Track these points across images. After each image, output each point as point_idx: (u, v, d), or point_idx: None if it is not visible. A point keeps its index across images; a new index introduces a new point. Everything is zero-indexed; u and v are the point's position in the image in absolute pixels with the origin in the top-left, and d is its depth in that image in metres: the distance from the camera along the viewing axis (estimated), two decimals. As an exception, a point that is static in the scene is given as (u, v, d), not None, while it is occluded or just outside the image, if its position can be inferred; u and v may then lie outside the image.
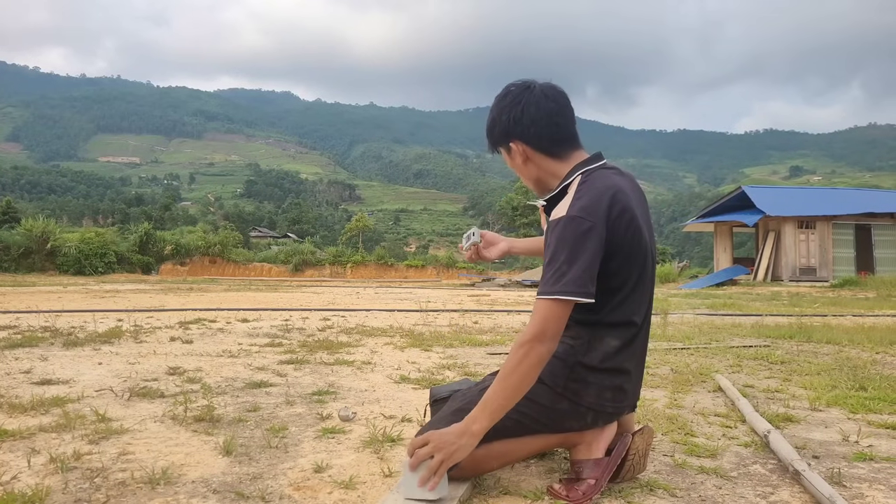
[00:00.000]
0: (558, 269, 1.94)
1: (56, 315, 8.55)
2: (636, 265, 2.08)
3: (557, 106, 2.16)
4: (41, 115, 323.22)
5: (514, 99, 2.18)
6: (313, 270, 41.33)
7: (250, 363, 4.69)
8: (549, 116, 2.15)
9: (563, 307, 1.93)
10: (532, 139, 2.17)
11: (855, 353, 5.54)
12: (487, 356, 5.27)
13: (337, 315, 9.40)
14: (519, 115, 2.15)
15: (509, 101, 2.18)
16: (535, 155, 2.19)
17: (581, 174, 2.11)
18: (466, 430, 1.95)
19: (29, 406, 3.09)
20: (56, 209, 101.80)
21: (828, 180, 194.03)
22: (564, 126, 2.18)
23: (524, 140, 2.17)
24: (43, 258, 33.10)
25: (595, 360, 2.06)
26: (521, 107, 2.15)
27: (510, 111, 2.17)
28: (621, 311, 2.07)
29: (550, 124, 2.16)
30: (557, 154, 2.18)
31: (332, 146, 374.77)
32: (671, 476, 2.26)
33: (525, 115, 2.15)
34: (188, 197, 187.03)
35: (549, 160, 2.19)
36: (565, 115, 2.18)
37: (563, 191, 2.12)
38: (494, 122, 2.22)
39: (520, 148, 2.18)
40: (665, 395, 3.67)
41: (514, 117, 2.16)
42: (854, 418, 3.18)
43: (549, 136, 2.16)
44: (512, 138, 2.18)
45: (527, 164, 2.21)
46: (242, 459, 2.38)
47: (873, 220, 27.10)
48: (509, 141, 2.19)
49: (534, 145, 2.17)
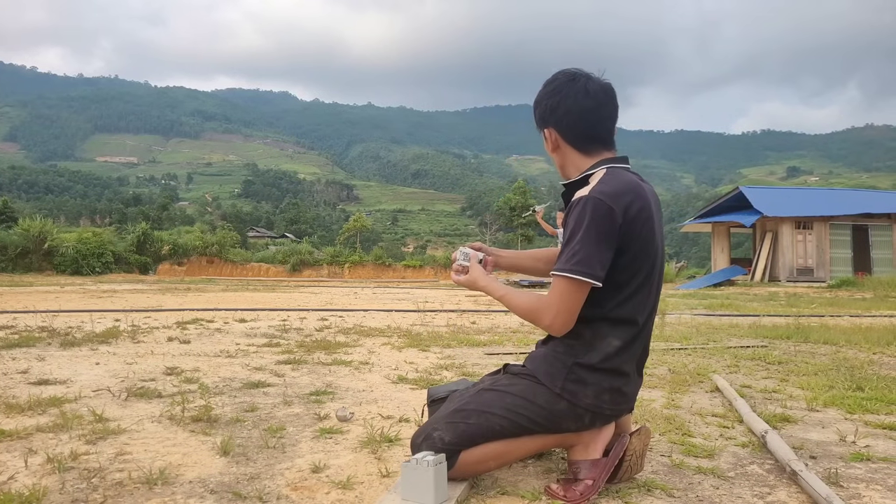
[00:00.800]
0: (573, 248, 2.00)
1: (53, 315, 8.54)
2: (645, 264, 2.10)
3: (595, 104, 2.19)
4: (38, 114, 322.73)
5: (555, 88, 2.23)
6: (311, 270, 41.29)
7: (248, 363, 4.69)
8: (583, 113, 2.19)
9: (575, 285, 2.00)
10: (563, 130, 2.23)
11: (852, 354, 5.55)
12: (485, 356, 5.27)
13: (335, 315, 9.39)
14: (555, 105, 2.21)
15: (551, 89, 2.24)
16: (564, 145, 2.24)
17: (606, 168, 2.16)
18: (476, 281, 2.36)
19: (26, 406, 3.09)
20: (53, 209, 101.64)
21: (825, 181, 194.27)
22: (597, 124, 2.21)
23: (557, 129, 2.23)
24: (40, 258, 33.04)
25: (594, 360, 2.06)
26: (559, 97, 2.21)
27: (549, 99, 2.23)
28: (625, 308, 2.08)
29: (582, 121, 2.20)
30: (585, 150, 2.23)
31: (330, 146, 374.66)
32: (668, 476, 2.26)
33: (560, 107, 2.20)
34: (186, 197, 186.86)
35: (576, 153, 2.24)
36: (600, 114, 2.20)
37: (585, 180, 2.16)
38: (536, 105, 2.29)
39: (552, 135, 2.25)
40: (663, 396, 3.67)
41: (550, 106, 2.22)
42: (851, 418, 3.18)
43: (580, 131, 2.21)
44: (547, 125, 2.25)
45: (555, 151, 2.27)
46: (240, 459, 2.37)
47: (870, 220, 27.14)
48: (545, 126, 2.26)
49: (564, 136, 2.23)
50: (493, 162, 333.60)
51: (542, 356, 2.15)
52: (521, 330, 7.30)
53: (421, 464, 1.87)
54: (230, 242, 44.82)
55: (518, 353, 5.39)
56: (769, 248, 27.38)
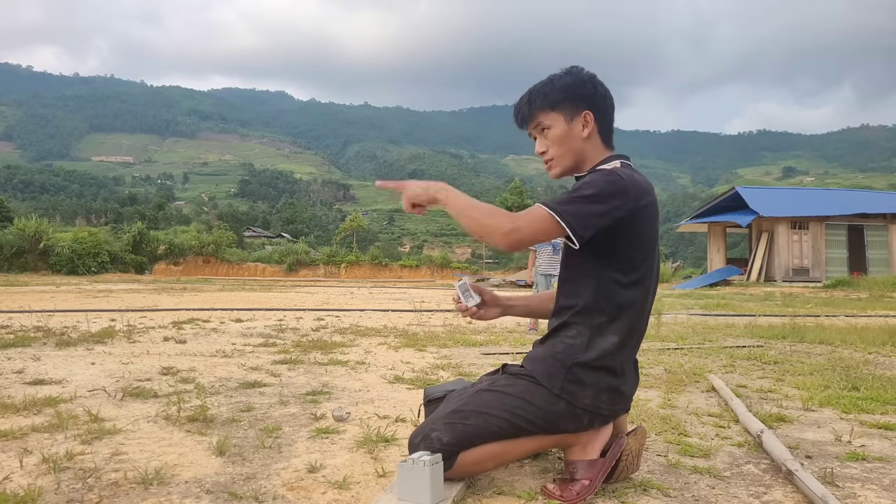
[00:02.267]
0: (575, 198, 1.99)
1: (49, 315, 8.52)
2: (648, 257, 2.11)
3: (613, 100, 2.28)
4: (34, 114, 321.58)
5: (593, 77, 2.24)
6: (307, 270, 41.26)
7: (244, 363, 4.68)
8: (613, 107, 2.27)
9: (551, 223, 1.96)
10: (603, 117, 2.23)
11: (847, 354, 5.56)
12: (482, 356, 5.27)
13: (331, 315, 9.39)
14: (604, 92, 2.23)
15: (589, 76, 2.24)
16: (595, 133, 2.24)
17: (622, 162, 2.18)
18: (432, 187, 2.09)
19: (21, 406, 3.08)
20: (49, 209, 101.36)
21: (821, 181, 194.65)
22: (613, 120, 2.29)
23: (597, 115, 2.22)
24: (36, 258, 32.97)
25: (593, 359, 2.06)
26: (604, 87, 2.24)
27: (595, 84, 2.22)
28: (625, 303, 2.09)
29: (612, 114, 2.27)
30: (608, 141, 2.26)
31: (327, 146, 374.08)
32: (665, 476, 2.26)
33: (608, 95, 2.24)
34: (182, 196, 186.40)
35: (601, 145, 2.25)
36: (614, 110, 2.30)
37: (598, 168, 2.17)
38: (575, 86, 2.20)
39: (590, 120, 2.21)
40: (659, 396, 3.67)
41: (600, 91, 2.22)
42: (846, 418, 3.19)
43: (610, 122, 2.26)
44: (588, 107, 2.20)
45: (587, 138, 2.22)
46: (236, 460, 2.37)
47: (866, 220, 27.22)
48: (583, 108, 2.20)
49: (600, 124, 2.23)
50: (490, 162, 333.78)
51: (540, 357, 2.14)
52: (517, 330, 7.31)
53: (417, 464, 1.87)
54: (226, 242, 44.80)
55: (515, 353, 5.40)
56: (765, 248, 27.44)
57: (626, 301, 2.09)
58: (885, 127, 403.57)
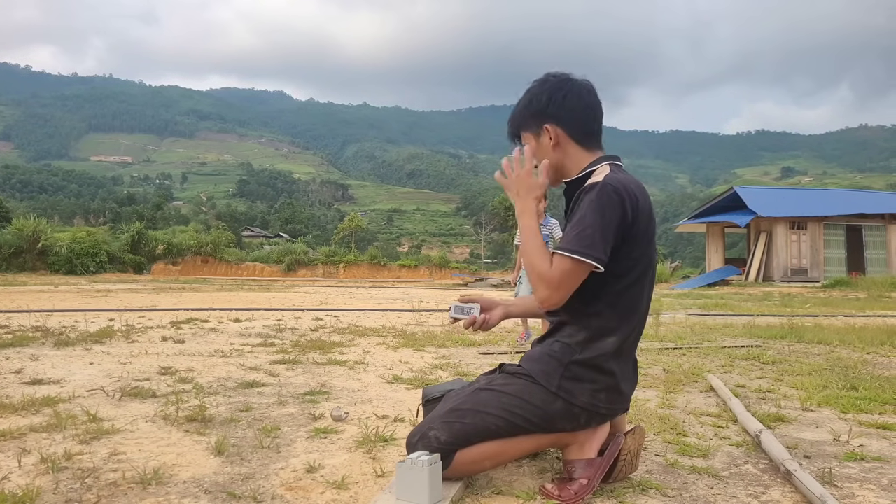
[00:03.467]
0: (581, 229, 2.00)
1: (47, 315, 8.51)
2: (644, 258, 2.12)
3: (596, 101, 2.26)
4: (32, 113, 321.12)
5: (556, 84, 2.24)
6: (306, 270, 41.27)
7: (242, 363, 4.68)
8: (588, 108, 2.24)
9: (577, 266, 2.00)
10: (569, 124, 2.23)
11: (846, 354, 5.57)
12: (480, 356, 5.27)
13: (329, 315, 9.39)
14: (561, 100, 2.22)
15: (551, 85, 2.24)
16: (566, 140, 2.24)
17: (610, 164, 2.18)
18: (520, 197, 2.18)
19: (20, 406, 3.08)
20: (47, 208, 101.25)
21: (819, 181, 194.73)
22: (598, 121, 2.27)
23: (560, 123, 2.22)
24: (34, 257, 32.95)
25: (591, 358, 2.07)
26: (563, 92, 2.22)
27: (552, 94, 2.22)
28: (623, 301, 2.10)
29: (588, 116, 2.24)
30: (587, 145, 2.25)
31: (325, 146, 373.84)
32: (663, 476, 2.27)
33: (567, 101, 2.22)
34: (180, 196, 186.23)
35: (578, 149, 2.24)
36: (598, 110, 2.27)
37: (587, 176, 2.17)
38: (531, 103, 2.26)
39: (554, 131, 2.22)
40: (657, 395, 3.68)
41: (556, 100, 2.22)
42: (845, 418, 3.19)
43: (585, 125, 2.24)
44: (547, 120, 2.22)
45: (555, 148, 2.24)
46: (234, 459, 2.37)
47: (864, 220, 27.24)
48: (543, 122, 2.23)
49: (568, 131, 2.23)
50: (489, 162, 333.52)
51: (538, 356, 2.15)
52: (515, 330, 7.30)
53: (416, 464, 1.87)
54: (225, 242, 44.78)
55: (513, 352, 5.40)
56: (763, 248, 27.45)
57: (622, 299, 2.09)
58: (884, 127, 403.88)
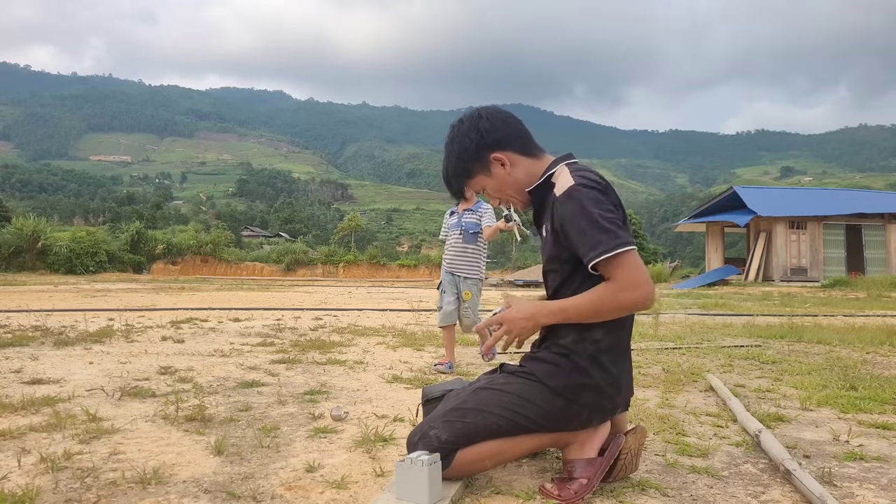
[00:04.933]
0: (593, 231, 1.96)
1: (47, 314, 8.51)
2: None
3: (511, 114, 2.26)
4: (32, 113, 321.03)
5: (471, 119, 2.23)
6: (305, 270, 41.26)
7: (242, 363, 4.68)
8: (511, 119, 2.25)
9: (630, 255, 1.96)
10: (509, 142, 2.21)
11: (845, 353, 5.57)
12: (480, 356, 5.27)
13: (329, 314, 9.39)
14: (488, 126, 2.20)
15: (468, 123, 2.23)
16: (517, 158, 2.23)
17: (566, 164, 2.17)
18: (535, 315, 2.07)
19: (19, 405, 3.07)
20: (47, 208, 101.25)
21: (819, 181, 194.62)
22: (524, 125, 2.27)
23: (502, 147, 2.21)
24: (34, 257, 32.95)
25: (590, 354, 2.07)
26: (484, 119, 2.21)
27: (476, 127, 2.20)
28: None
29: (517, 126, 2.25)
30: (533, 153, 2.25)
31: (325, 145, 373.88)
32: (663, 475, 2.27)
33: (494, 122, 2.21)
34: (180, 196, 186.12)
35: (529, 160, 2.24)
36: (520, 120, 2.26)
37: (548, 181, 2.17)
38: (465, 148, 2.22)
39: (502, 156, 2.21)
40: (657, 395, 3.68)
41: (484, 129, 2.20)
42: (844, 418, 3.19)
43: (521, 136, 2.24)
44: (490, 150, 2.20)
45: (512, 171, 2.22)
46: (234, 459, 2.37)
47: (864, 220, 27.24)
48: (489, 155, 2.21)
49: (513, 148, 2.22)
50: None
51: (538, 355, 2.15)
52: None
53: (415, 463, 1.87)
54: (224, 242, 44.77)
55: (513, 352, 5.40)
56: (763, 247, 27.45)
57: None
58: (884, 127, 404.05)
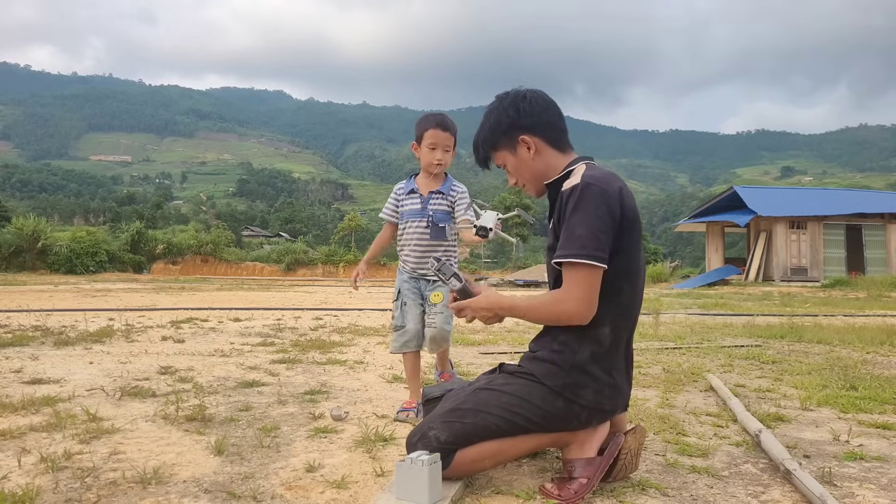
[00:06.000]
0: (576, 233, 2.00)
1: (47, 314, 8.51)
2: (635, 250, 2.13)
3: (554, 102, 2.26)
4: (32, 113, 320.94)
5: (517, 96, 2.24)
6: (305, 270, 41.23)
7: (242, 362, 4.68)
8: (553, 108, 2.25)
9: (588, 269, 1.99)
10: (542, 129, 2.23)
11: (846, 353, 5.56)
12: (480, 356, 5.27)
13: (329, 314, 9.38)
14: (529, 108, 2.22)
15: (511, 99, 2.24)
16: (544, 147, 2.24)
17: (585, 163, 2.18)
18: (496, 305, 2.14)
19: (19, 405, 3.08)
20: (47, 208, 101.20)
21: (819, 181, 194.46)
22: (563, 120, 2.27)
23: (534, 132, 2.22)
24: (34, 257, 32.93)
25: (590, 353, 2.07)
26: (527, 101, 2.22)
27: (517, 106, 2.22)
28: (613, 288, 2.08)
29: (555, 116, 2.25)
30: (561, 147, 2.26)
31: (325, 145, 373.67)
32: (663, 475, 2.27)
33: (535, 106, 2.22)
34: (180, 196, 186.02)
35: (555, 153, 2.25)
36: (561, 112, 2.27)
37: (565, 177, 2.17)
38: (499, 122, 2.24)
39: (530, 141, 2.22)
40: (657, 395, 3.68)
41: (523, 109, 2.21)
42: (845, 418, 3.19)
43: (556, 127, 2.25)
44: (521, 132, 2.22)
45: (535, 157, 2.24)
46: (234, 459, 2.37)
47: (864, 220, 27.23)
48: (518, 135, 2.22)
49: (544, 136, 2.23)
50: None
51: (538, 355, 2.15)
52: (515, 329, 7.30)
53: (415, 463, 1.87)
54: (224, 241, 44.77)
55: (513, 352, 5.40)
56: (763, 247, 27.45)
57: (616, 292, 2.09)
58: (884, 127, 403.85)
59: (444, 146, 3.15)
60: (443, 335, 3.16)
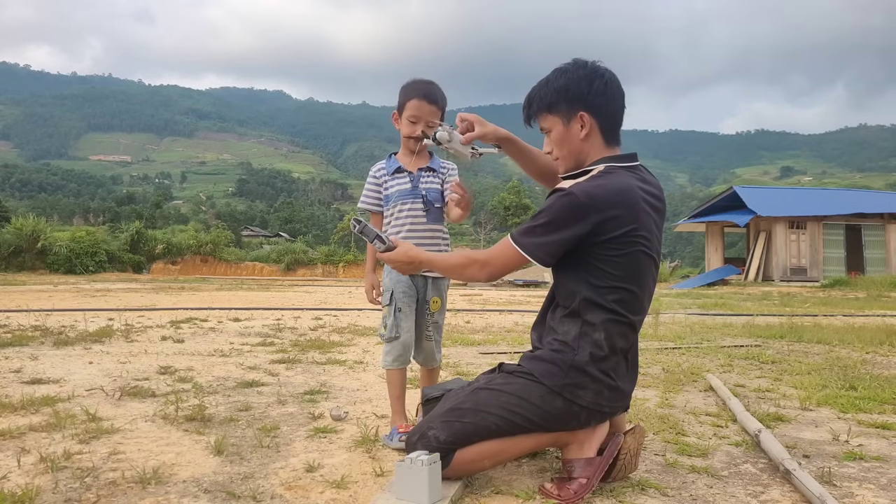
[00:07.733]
0: (535, 227, 2.07)
1: (46, 314, 8.51)
2: (634, 254, 2.09)
3: (624, 94, 2.21)
4: (32, 113, 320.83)
5: (595, 72, 2.16)
6: (305, 270, 41.21)
7: (242, 362, 4.68)
8: (621, 100, 2.21)
9: (518, 256, 2.09)
10: (604, 116, 2.18)
11: (845, 353, 5.57)
12: (479, 356, 5.27)
13: (329, 314, 9.38)
14: (602, 88, 2.15)
15: (588, 71, 2.16)
16: (596, 132, 2.19)
17: (606, 166, 2.15)
18: (415, 259, 2.24)
19: (19, 405, 3.07)
20: (46, 208, 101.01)
21: (818, 181, 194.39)
22: (623, 115, 2.23)
23: (596, 113, 2.17)
24: (33, 257, 32.89)
25: (590, 354, 2.07)
26: (604, 81, 2.16)
27: (592, 81, 2.15)
28: (617, 294, 2.08)
29: (620, 108, 2.21)
30: (610, 140, 2.21)
31: (325, 145, 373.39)
32: (662, 475, 2.27)
33: (608, 90, 2.16)
34: (180, 196, 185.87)
35: (600, 143, 2.21)
36: (625, 105, 2.23)
37: (583, 174, 2.17)
38: (567, 88, 2.15)
39: (588, 120, 2.17)
40: (656, 395, 3.68)
41: (597, 88, 2.15)
42: (844, 418, 3.20)
43: (615, 119, 2.20)
44: (584, 108, 2.16)
45: (585, 138, 2.18)
46: (234, 459, 2.37)
47: (863, 220, 27.24)
48: (579, 110, 2.16)
49: (601, 122, 2.18)
50: (488, 161, 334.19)
51: (538, 355, 2.15)
52: (515, 329, 7.30)
53: (415, 463, 1.87)
54: (224, 241, 44.70)
55: (512, 352, 5.40)
56: (763, 247, 27.46)
57: (620, 298, 2.09)
58: (883, 127, 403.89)
59: (427, 121, 2.72)
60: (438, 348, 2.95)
